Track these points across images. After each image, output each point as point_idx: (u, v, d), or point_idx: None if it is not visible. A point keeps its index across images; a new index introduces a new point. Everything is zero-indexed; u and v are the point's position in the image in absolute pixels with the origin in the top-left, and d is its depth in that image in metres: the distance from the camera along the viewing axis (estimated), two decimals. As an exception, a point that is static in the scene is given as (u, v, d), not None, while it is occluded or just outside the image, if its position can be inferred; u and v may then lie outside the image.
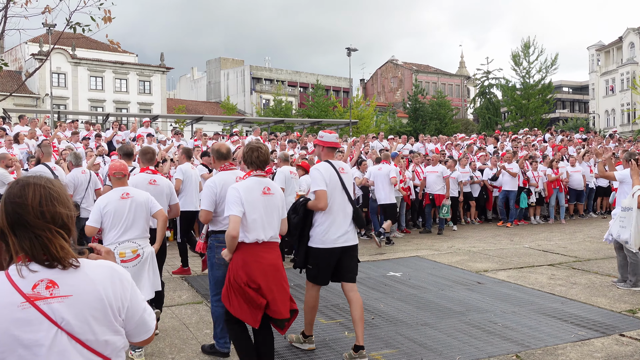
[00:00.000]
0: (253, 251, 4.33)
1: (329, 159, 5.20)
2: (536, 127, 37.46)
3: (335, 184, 5.05)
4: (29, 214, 1.75)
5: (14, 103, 37.47)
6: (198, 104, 57.59)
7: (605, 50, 60.39)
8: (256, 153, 4.54)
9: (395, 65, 72.18)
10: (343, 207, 5.09)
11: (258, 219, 4.34)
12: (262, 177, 4.53)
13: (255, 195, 4.38)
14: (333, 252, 5.02)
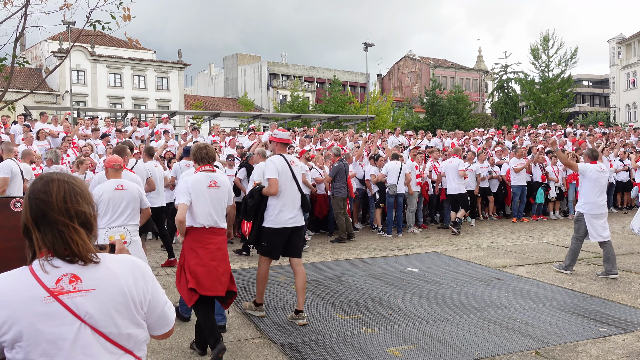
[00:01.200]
0: (200, 235, 5.04)
1: (282, 152, 6.16)
2: (555, 121, 37.05)
3: (287, 174, 5.99)
4: (53, 209, 1.77)
5: (34, 100, 37.98)
6: (215, 100, 57.83)
7: (626, 43, 59.42)
8: (204, 150, 5.30)
9: (412, 60, 71.79)
10: (292, 194, 6.02)
11: (204, 207, 5.06)
12: (210, 172, 5.24)
13: (203, 187, 5.09)
14: (284, 232, 5.96)
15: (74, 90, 35.94)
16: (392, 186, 12.17)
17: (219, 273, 4.98)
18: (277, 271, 8.61)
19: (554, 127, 23.76)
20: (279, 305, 6.70)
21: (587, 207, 8.10)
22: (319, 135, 17.77)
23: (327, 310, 6.44)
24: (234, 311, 6.45)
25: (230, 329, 5.82)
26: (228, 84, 66.02)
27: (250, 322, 6.04)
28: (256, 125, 25.89)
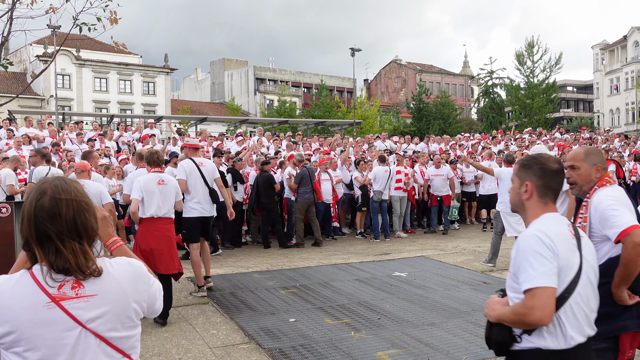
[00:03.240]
0: (150, 224, 6.27)
1: (192, 156, 7.65)
2: (540, 126, 37.37)
3: (195, 174, 7.45)
4: (62, 231, 1.75)
5: (18, 105, 37.57)
6: (202, 105, 57.66)
7: (609, 49, 60.19)
8: (155, 155, 6.60)
9: (399, 65, 72.13)
10: (203, 189, 7.50)
11: (154, 201, 6.30)
12: (159, 173, 6.53)
13: (153, 185, 6.33)
14: (198, 220, 7.45)
15: (59, 95, 35.64)
16: (378, 192, 12.20)
17: (164, 255, 6.15)
18: (265, 276, 8.60)
19: (539, 131, 23.99)
20: (267, 310, 6.69)
21: (502, 205, 9.00)
22: (307, 140, 17.78)
23: (316, 315, 6.43)
24: (222, 317, 6.44)
25: (218, 334, 5.81)
26: (215, 88, 65.86)
27: (239, 327, 6.02)
28: (243, 130, 25.86)
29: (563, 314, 2.24)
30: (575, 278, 2.28)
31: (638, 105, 50.66)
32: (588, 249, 2.42)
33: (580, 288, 2.29)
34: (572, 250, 2.32)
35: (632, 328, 2.93)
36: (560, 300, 2.23)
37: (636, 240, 2.81)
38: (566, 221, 2.44)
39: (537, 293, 2.15)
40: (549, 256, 2.21)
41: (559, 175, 2.47)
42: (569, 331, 2.23)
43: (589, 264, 2.37)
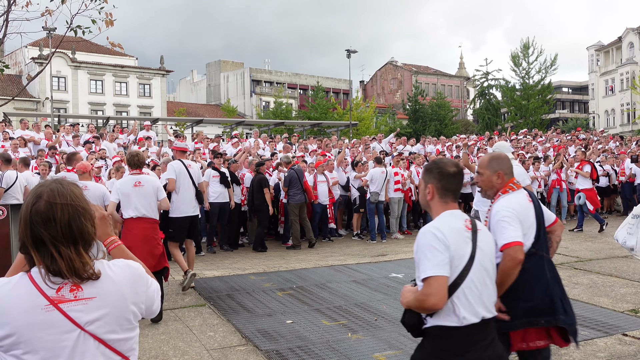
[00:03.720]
0: (129, 224, 6.62)
1: (180, 158, 8.09)
2: (536, 127, 37.48)
3: (184, 175, 7.84)
4: (57, 236, 1.75)
5: (14, 107, 37.46)
6: (198, 107, 57.61)
7: (604, 50, 60.39)
8: (136, 158, 6.87)
9: (395, 66, 72.24)
10: (190, 190, 7.89)
11: (130, 203, 6.63)
12: (137, 175, 6.78)
13: (128, 188, 6.65)
14: (185, 219, 7.77)
15: (54, 97, 35.55)
16: (375, 194, 12.21)
17: (145, 252, 6.28)
18: (262, 278, 8.60)
19: (535, 132, 24.06)
20: (264, 312, 6.69)
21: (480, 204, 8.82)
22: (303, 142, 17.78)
23: (312, 317, 6.43)
24: (219, 319, 6.43)
25: (215, 336, 5.80)
26: (211, 90, 65.82)
27: (236, 329, 6.02)
28: (239, 132, 25.85)
29: (456, 298, 2.54)
30: (467, 266, 2.58)
31: (633, 106, 50.80)
32: (485, 240, 2.71)
33: (472, 274, 2.58)
34: (465, 242, 2.62)
35: (519, 327, 3.23)
36: (454, 286, 2.54)
37: (512, 254, 3.08)
38: (464, 217, 2.73)
39: (432, 282, 2.47)
40: (442, 249, 2.52)
41: (456, 177, 2.76)
42: (462, 312, 2.53)
43: (483, 252, 2.66)
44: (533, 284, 3.30)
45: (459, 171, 2.79)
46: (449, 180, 2.74)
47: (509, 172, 3.44)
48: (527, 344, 3.28)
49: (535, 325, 3.25)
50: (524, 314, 3.22)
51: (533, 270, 3.30)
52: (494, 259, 2.78)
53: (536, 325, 3.25)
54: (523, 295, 3.24)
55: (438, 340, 2.60)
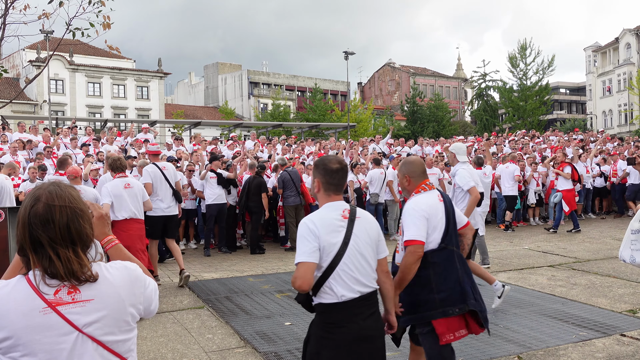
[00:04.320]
0: (122, 225, 6.97)
1: (154, 161, 8.54)
2: (534, 128, 37.55)
3: (160, 177, 8.34)
4: (55, 238, 1.75)
5: (11, 110, 37.42)
6: (196, 109, 57.60)
7: (601, 51, 60.49)
8: (119, 162, 7.29)
9: (393, 68, 72.31)
10: (167, 190, 8.40)
11: (124, 204, 7.07)
12: (124, 177, 7.26)
13: (120, 189, 7.11)
14: (161, 218, 8.29)
15: (52, 100, 35.53)
16: (375, 195, 12.24)
17: (136, 251, 6.76)
18: (260, 280, 8.60)
19: (532, 133, 24.08)
20: (262, 314, 6.68)
21: None
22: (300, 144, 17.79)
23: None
24: (217, 321, 6.43)
25: (214, 338, 5.80)
26: (209, 92, 65.82)
27: (234, 331, 6.01)
28: (237, 134, 25.86)
29: (333, 279, 2.89)
30: (340, 252, 2.91)
31: (630, 107, 50.90)
32: (361, 227, 3.02)
33: (346, 259, 2.92)
34: (337, 231, 2.94)
35: (438, 316, 3.50)
36: (330, 269, 2.89)
37: (413, 250, 3.47)
38: (343, 207, 3.03)
39: (299, 267, 2.83)
40: (311, 238, 2.87)
41: (338, 173, 3.08)
42: (340, 291, 2.88)
43: (359, 239, 2.98)
44: (445, 276, 3.58)
45: (342, 167, 3.10)
46: (331, 175, 3.07)
47: (417, 176, 3.76)
48: (454, 334, 3.54)
49: (451, 315, 3.51)
50: (439, 305, 3.50)
51: (444, 264, 3.60)
52: (373, 242, 3.06)
53: (452, 314, 3.51)
54: (436, 287, 3.53)
55: (323, 314, 2.95)
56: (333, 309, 2.90)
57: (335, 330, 2.90)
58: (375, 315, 3.02)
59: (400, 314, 3.44)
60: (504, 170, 14.06)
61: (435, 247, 3.59)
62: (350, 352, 2.88)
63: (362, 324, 2.91)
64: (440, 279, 3.55)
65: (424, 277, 3.53)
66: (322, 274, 2.90)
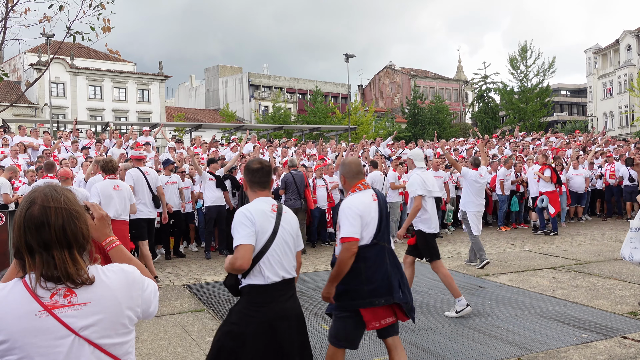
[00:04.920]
0: None
1: (137, 165, 9.01)
2: (534, 130, 37.51)
3: (142, 181, 8.78)
4: (50, 239, 1.74)
5: (13, 113, 37.46)
6: (197, 112, 57.65)
7: (602, 53, 60.50)
8: (110, 164, 7.69)
9: (393, 70, 72.32)
10: (148, 194, 8.81)
11: (111, 204, 7.36)
12: (114, 179, 7.65)
13: (109, 190, 7.48)
14: (144, 220, 8.68)
15: (53, 103, 35.52)
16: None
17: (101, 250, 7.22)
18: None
19: (533, 135, 24.04)
20: (263, 316, 6.67)
21: (469, 205, 9.41)
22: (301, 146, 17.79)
23: (311, 321, 6.42)
24: (218, 324, 6.42)
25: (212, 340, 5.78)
26: (209, 95, 65.86)
27: (235, 334, 6.00)
28: (238, 137, 25.89)
29: (262, 263, 3.31)
30: (270, 239, 3.35)
31: (631, 108, 50.87)
32: (287, 220, 3.48)
33: (275, 246, 3.35)
34: (269, 220, 3.39)
35: (364, 306, 3.85)
36: (260, 254, 3.31)
37: (347, 247, 3.80)
38: (271, 202, 3.49)
39: (240, 248, 3.23)
40: (249, 224, 3.30)
41: (258, 172, 3.54)
42: (266, 273, 3.29)
43: (285, 230, 3.44)
44: (374, 269, 3.91)
45: (261, 167, 3.56)
46: (253, 174, 3.56)
47: (351, 176, 4.11)
48: (379, 321, 3.92)
49: (377, 305, 3.86)
50: (367, 295, 3.85)
51: (375, 258, 3.92)
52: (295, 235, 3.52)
53: (378, 304, 3.86)
54: (366, 279, 3.87)
55: (250, 295, 3.33)
56: (260, 290, 3.29)
57: (260, 308, 3.29)
58: (294, 297, 3.46)
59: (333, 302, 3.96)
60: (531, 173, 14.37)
61: (368, 242, 3.91)
62: (271, 327, 3.26)
63: (283, 305, 3.34)
64: (370, 272, 3.89)
65: (355, 269, 3.85)
66: (255, 257, 3.30)
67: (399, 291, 3.92)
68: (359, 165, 4.18)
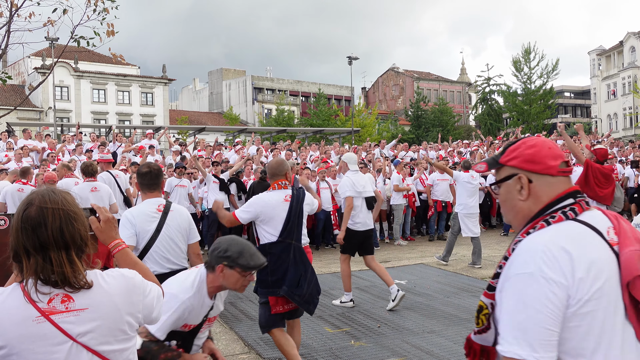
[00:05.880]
0: None
1: (107, 169, 9.25)
2: (538, 132, 37.41)
3: (113, 184, 8.92)
4: (48, 241, 1.73)
5: (17, 117, 37.65)
6: (200, 115, 57.72)
7: (606, 54, 60.41)
8: (90, 167, 7.97)
9: (397, 73, 72.29)
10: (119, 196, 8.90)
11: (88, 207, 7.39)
12: (92, 182, 7.87)
13: (86, 192, 7.59)
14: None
15: (57, 107, 35.68)
16: None
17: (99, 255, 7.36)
18: (264, 285, 8.58)
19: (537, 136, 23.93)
20: (267, 319, 6.67)
21: (460, 207, 9.85)
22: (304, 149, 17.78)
23: (315, 324, 6.42)
24: (221, 327, 6.42)
25: (217, 344, 5.78)
26: (213, 98, 65.94)
27: (239, 337, 6.00)
28: (242, 140, 25.91)
29: (147, 258, 3.89)
30: (153, 237, 3.92)
31: (635, 110, 50.77)
32: (175, 218, 4.01)
33: (159, 243, 3.93)
34: (150, 221, 3.94)
35: (269, 294, 4.47)
36: (144, 251, 3.90)
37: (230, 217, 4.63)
38: (157, 203, 4.02)
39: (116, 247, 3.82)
40: (129, 226, 3.91)
41: (146, 175, 4.09)
42: (152, 267, 3.70)
43: (171, 227, 3.99)
44: (278, 264, 4.42)
45: (150, 171, 4.08)
46: (142, 177, 4.09)
47: (272, 176, 4.66)
48: (282, 306, 4.50)
49: (277, 294, 4.43)
50: (271, 285, 4.43)
51: (279, 254, 4.43)
52: (183, 231, 4.09)
53: (277, 294, 4.43)
54: (271, 272, 4.40)
55: None
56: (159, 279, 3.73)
57: None
58: None
59: None
60: None
61: (274, 240, 4.45)
62: None
63: None
64: (274, 266, 4.40)
65: None
66: (139, 255, 3.83)
67: (297, 285, 4.42)
68: (280, 166, 4.67)
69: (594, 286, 1.50)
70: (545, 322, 1.47)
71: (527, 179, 1.68)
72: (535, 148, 1.69)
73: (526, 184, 1.68)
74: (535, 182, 1.68)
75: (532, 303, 1.49)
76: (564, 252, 1.52)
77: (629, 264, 1.54)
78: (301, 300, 4.47)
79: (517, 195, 1.70)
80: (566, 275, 1.49)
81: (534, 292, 1.49)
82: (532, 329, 1.47)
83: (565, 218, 1.61)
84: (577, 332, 1.50)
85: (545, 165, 1.67)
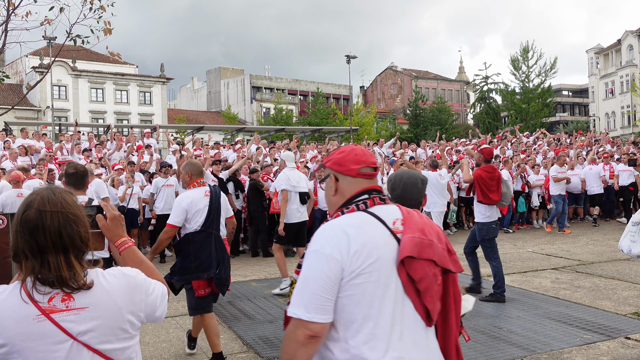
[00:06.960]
0: None
1: None
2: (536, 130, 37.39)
3: None
4: (46, 244, 1.73)
5: (15, 116, 37.54)
6: (199, 114, 57.67)
7: (604, 53, 60.43)
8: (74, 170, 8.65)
9: (395, 71, 72.28)
10: None
11: None
12: None
13: None
14: None
15: (55, 106, 35.63)
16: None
17: None
18: (263, 284, 8.59)
19: (536, 136, 23.97)
20: (265, 318, 6.67)
21: (432, 205, 10.06)
22: (303, 148, 17.77)
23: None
24: (220, 326, 6.41)
25: (216, 343, 5.78)
26: (211, 97, 65.89)
27: (237, 336, 6.00)
28: (241, 139, 25.89)
29: None
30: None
31: (633, 108, 50.79)
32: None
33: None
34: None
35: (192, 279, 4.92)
36: None
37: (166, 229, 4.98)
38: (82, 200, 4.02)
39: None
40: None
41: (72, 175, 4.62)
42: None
43: None
44: (201, 251, 4.90)
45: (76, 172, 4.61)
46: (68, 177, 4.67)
47: (195, 174, 5.07)
48: (204, 290, 4.97)
49: (200, 279, 4.91)
50: (194, 270, 4.90)
51: (202, 242, 4.91)
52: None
53: (200, 278, 4.91)
54: (194, 258, 4.88)
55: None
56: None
57: None
58: None
59: None
60: (588, 172, 15.25)
61: (197, 229, 4.91)
62: None
63: None
64: (197, 253, 4.89)
65: (187, 250, 4.91)
66: None
67: (216, 270, 4.93)
68: (200, 167, 5.16)
69: (365, 262, 1.86)
70: (319, 290, 1.84)
71: (335, 177, 2.11)
72: (343, 154, 2.11)
73: (334, 182, 2.11)
74: (340, 181, 2.10)
75: (311, 274, 1.88)
76: (344, 234, 1.88)
77: (403, 247, 1.91)
78: (218, 283, 4.97)
79: (330, 190, 2.12)
80: (342, 251, 1.85)
81: (314, 265, 1.88)
82: (307, 295, 1.86)
83: (356, 209, 2.00)
84: (351, 300, 1.86)
85: (346, 168, 2.08)
